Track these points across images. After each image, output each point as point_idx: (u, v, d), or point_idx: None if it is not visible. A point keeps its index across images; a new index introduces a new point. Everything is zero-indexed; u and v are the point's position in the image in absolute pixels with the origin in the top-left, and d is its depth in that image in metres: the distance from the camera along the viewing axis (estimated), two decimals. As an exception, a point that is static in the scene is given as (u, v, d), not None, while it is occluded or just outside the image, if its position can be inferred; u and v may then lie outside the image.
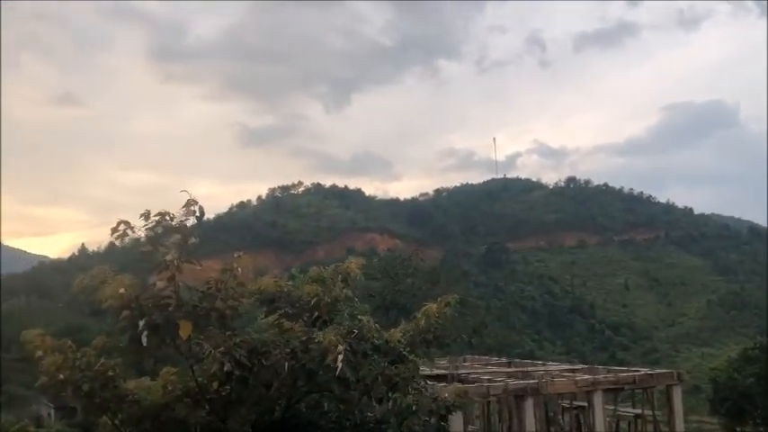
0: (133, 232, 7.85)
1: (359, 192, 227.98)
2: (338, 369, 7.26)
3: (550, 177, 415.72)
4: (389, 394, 8.61)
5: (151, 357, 8.79)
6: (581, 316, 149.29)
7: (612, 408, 23.75)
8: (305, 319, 8.40)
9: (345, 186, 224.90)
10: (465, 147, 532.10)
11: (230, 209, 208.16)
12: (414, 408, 8.54)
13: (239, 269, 8.19)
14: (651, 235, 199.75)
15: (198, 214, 7.97)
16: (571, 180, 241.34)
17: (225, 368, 7.58)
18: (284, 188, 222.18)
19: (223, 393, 8.94)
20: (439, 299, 9.69)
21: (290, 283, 9.01)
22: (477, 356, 32.47)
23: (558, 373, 24.12)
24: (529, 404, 20.14)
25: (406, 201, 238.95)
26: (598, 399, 21.62)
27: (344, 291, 8.82)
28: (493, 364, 29.35)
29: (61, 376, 8.42)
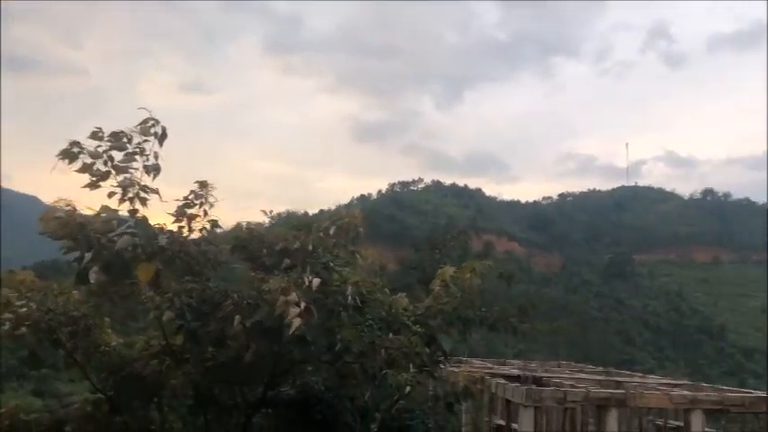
0: (84, 154, 6.73)
1: (479, 191, 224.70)
2: (292, 327, 5.78)
3: (681, 188, 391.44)
4: (383, 371, 7.04)
5: (115, 303, 7.66)
6: (709, 337, 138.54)
7: (714, 432, 20.61)
8: (280, 269, 6.93)
9: (466, 185, 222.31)
10: (585, 151, 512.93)
11: (351, 201, 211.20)
12: (408, 389, 6.94)
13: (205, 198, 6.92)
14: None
15: (160, 135, 6.77)
16: (708, 192, 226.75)
17: (164, 317, 6.30)
18: (404, 184, 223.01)
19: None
20: (463, 263, 7.95)
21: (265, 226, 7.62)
22: (573, 363, 30.04)
23: (654, 386, 21.08)
24: (612, 416, 17.46)
25: (527, 204, 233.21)
26: (697, 420, 18.43)
27: (335, 240, 7.26)
28: (587, 372, 26.71)
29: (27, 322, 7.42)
